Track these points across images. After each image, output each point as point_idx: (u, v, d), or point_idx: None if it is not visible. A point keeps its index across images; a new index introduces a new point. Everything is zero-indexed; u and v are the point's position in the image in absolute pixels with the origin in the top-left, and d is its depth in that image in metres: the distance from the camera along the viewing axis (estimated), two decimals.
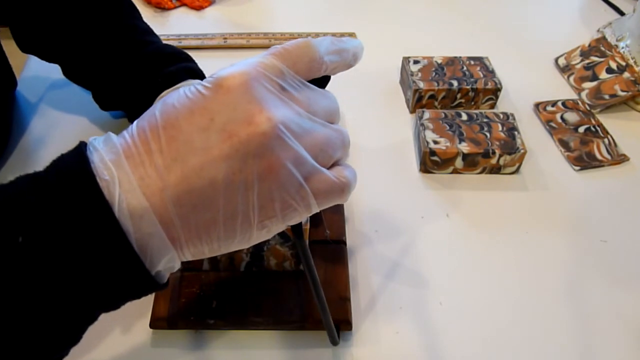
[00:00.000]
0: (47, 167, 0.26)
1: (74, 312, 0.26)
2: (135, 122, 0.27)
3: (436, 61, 0.67)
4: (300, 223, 0.31)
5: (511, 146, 0.57)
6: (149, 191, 0.25)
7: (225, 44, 0.74)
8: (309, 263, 0.35)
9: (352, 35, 0.77)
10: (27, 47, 0.58)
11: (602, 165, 0.60)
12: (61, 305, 0.25)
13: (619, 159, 0.60)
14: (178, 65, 0.53)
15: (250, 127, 0.25)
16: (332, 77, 0.31)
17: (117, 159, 0.25)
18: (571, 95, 0.69)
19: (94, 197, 0.24)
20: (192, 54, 0.56)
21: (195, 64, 0.55)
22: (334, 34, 0.77)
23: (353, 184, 0.30)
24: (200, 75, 0.54)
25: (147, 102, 0.51)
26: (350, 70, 0.38)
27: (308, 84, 0.29)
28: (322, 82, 0.31)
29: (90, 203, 0.24)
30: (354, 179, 0.30)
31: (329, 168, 0.29)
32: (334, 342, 0.43)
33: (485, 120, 0.60)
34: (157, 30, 0.59)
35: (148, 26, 0.58)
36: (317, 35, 0.76)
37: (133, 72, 0.53)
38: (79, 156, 0.26)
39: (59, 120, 0.63)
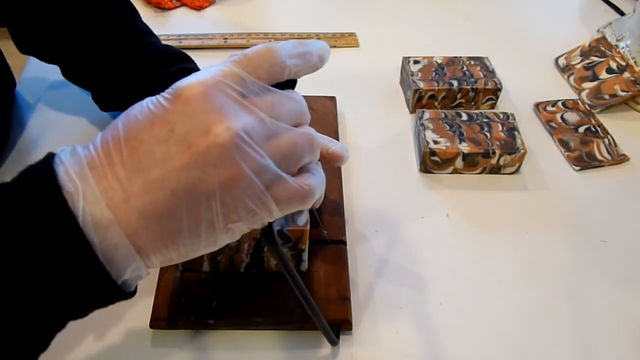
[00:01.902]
0: (14, 179, 0.27)
1: (41, 320, 0.26)
2: (99, 134, 0.28)
3: (436, 61, 0.67)
4: (271, 228, 0.32)
5: (511, 146, 0.57)
6: (112, 203, 0.25)
7: (225, 44, 0.74)
8: (287, 265, 0.34)
9: (352, 35, 0.77)
10: (25, 48, 0.58)
11: (602, 165, 0.60)
12: (28, 313, 0.26)
13: (619, 159, 0.60)
14: (177, 66, 0.53)
15: (209, 137, 0.25)
16: (331, 77, 0.31)
17: (81, 171, 0.26)
18: (571, 95, 0.69)
19: (59, 209, 0.25)
20: (192, 54, 0.56)
21: (195, 64, 0.55)
22: (334, 34, 0.77)
23: (317, 191, 0.30)
24: None
25: None
26: (350, 70, 0.38)
27: (271, 88, 0.29)
28: (288, 86, 0.30)
29: (56, 215, 0.25)
30: (319, 186, 0.30)
31: (296, 173, 0.29)
32: (333, 343, 0.43)
33: (485, 120, 0.60)
34: (157, 30, 0.59)
35: (147, 26, 0.58)
36: (317, 35, 0.76)
37: (132, 72, 0.53)
38: (45, 168, 0.26)
39: (58, 120, 0.63)
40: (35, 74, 0.69)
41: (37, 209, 0.25)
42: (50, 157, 0.27)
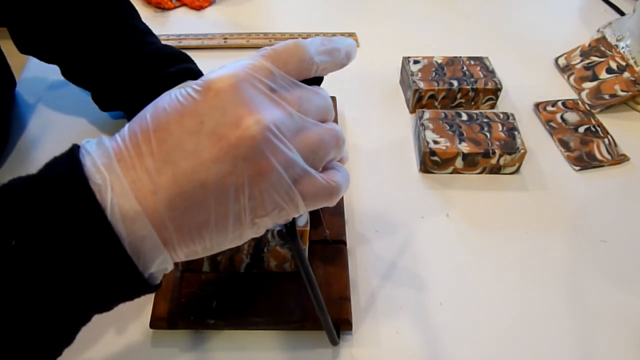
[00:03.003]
0: (40, 170, 0.26)
1: (67, 314, 0.26)
2: (127, 125, 0.27)
3: (436, 61, 0.67)
4: (294, 224, 0.32)
5: (511, 146, 0.57)
6: (140, 194, 0.25)
7: (226, 44, 0.74)
8: (304, 262, 0.35)
9: (352, 35, 0.77)
10: (25, 48, 0.58)
11: (602, 165, 0.60)
12: (54, 307, 0.25)
13: (619, 159, 0.60)
14: (177, 66, 0.53)
15: (239, 130, 0.25)
16: (331, 77, 0.31)
17: (109, 163, 0.26)
18: (571, 95, 0.69)
19: (86, 201, 0.25)
20: (192, 54, 0.56)
21: (195, 64, 0.55)
22: (334, 34, 0.77)
23: (343, 188, 0.30)
24: (199, 76, 0.54)
25: (146, 103, 0.51)
26: (350, 70, 0.38)
27: (299, 83, 0.29)
28: (314, 83, 0.30)
29: (83, 207, 0.25)
30: (345, 183, 0.30)
31: (322, 169, 0.29)
32: (334, 342, 0.43)
33: (485, 120, 0.60)
34: (157, 30, 0.59)
35: (147, 27, 0.58)
36: (317, 35, 0.76)
37: (132, 72, 0.53)
38: (71, 160, 0.26)
39: (58, 120, 0.63)
40: (35, 74, 0.69)
41: (64, 201, 0.25)
42: (75, 149, 0.26)
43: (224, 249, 0.29)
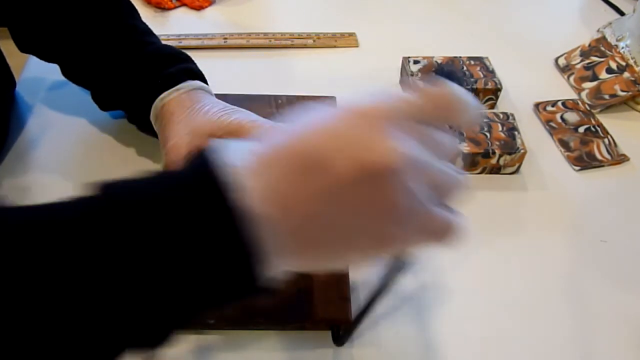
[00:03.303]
0: (185, 169, 0.27)
1: (180, 312, 0.27)
2: (264, 135, 0.28)
3: (436, 61, 0.67)
4: (402, 256, 0.32)
5: (511, 146, 0.57)
6: (272, 203, 0.26)
7: (225, 44, 0.74)
8: (385, 291, 0.35)
9: (352, 35, 0.77)
10: (25, 47, 0.57)
11: (602, 165, 0.60)
12: (171, 303, 0.26)
13: (619, 159, 0.60)
14: (178, 66, 0.53)
15: (375, 155, 0.26)
16: (331, 77, 0.32)
17: (247, 168, 0.26)
18: (571, 95, 0.69)
19: (220, 202, 0.25)
20: (192, 54, 0.56)
21: (195, 64, 0.55)
22: (333, 34, 0.77)
23: (459, 231, 0.30)
24: (199, 76, 0.54)
25: (146, 103, 0.51)
26: (350, 70, 0.38)
27: (434, 124, 0.30)
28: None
29: (216, 207, 0.25)
30: (460, 225, 0.31)
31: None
32: (341, 343, 0.43)
33: (485, 120, 0.60)
34: (157, 30, 0.59)
35: (147, 26, 0.58)
36: (317, 35, 0.76)
37: (133, 72, 0.53)
38: (210, 161, 0.26)
39: (58, 120, 0.63)
40: (35, 74, 0.69)
41: (202, 200, 0.25)
42: (212, 151, 0.27)
43: (327, 269, 0.29)
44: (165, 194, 0.26)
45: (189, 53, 0.56)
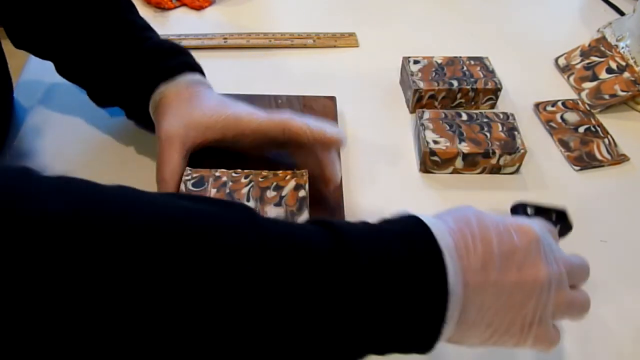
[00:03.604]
0: (406, 226, 0.35)
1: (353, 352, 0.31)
2: (455, 220, 0.35)
3: (436, 61, 0.67)
4: None
5: (511, 146, 0.57)
6: (469, 284, 0.32)
7: (226, 44, 0.74)
8: None
9: (352, 35, 0.77)
10: (20, 43, 0.57)
11: (602, 165, 0.60)
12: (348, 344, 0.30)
13: (619, 159, 0.60)
14: (177, 58, 0.53)
15: (534, 273, 0.33)
16: (331, 77, 0.32)
17: (453, 249, 0.32)
18: (571, 95, 0.69)
19: (438, 276, 0.31)
20: (192, 53, 0.56)
21: (193, 58, 0.55)
22: (333, 34, 0.77)
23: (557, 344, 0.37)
24: (198, 69, 0.54)
25: (145, 95, 0.52)
26: (350, 70, 0.38)
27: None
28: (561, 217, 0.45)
29: (435, 279, 0.31)
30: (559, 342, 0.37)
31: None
32: None
33: (485, 120, 0.60)
34: (157, 30, 0.59)
35: (146, 22, 0.58)
36: (317, 35, 0.76)
37: (132, 65, 0.53)
38: (432, 243, 0.32)
39: (56, 123, 0.62)
40: (35, 75, 0.69)
41: (424, 268, 0.31)
42: (426, 226, 0.34)
43: (481, 347, 0.36)
44: (397, 255, 0.31)
45: (193, 54, 0.56)
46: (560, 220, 0.48)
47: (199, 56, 0.56)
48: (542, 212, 0.46)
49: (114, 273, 0.25)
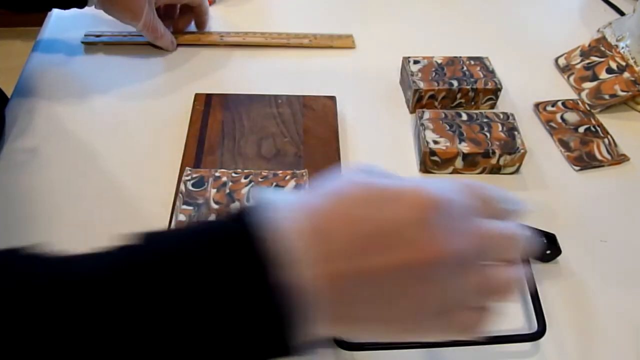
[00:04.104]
0: (228, 220, 0.28)
1: None
2: (317, 194, 0.29)
3: (436, 61, 0.67)
4: None
5: (511, 146, 0.57)
6: (320, 276, 0.26)
7: (222, 42, 0.74)
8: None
9: (349, 37, 0.77)
10: None
11: (602, 165, 0.60)
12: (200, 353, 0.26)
13: (619, 159, 0.60)
14: None
15: (424, 251, 0.27)
16: (331, 77, 0.32)
17: (300, 234, 0.26)
18: (571, 95, 0.69)
19: (260, 277, 0.26)
20: (189, 50, 0.56)
21: None
22: (330, 35, 0.77)
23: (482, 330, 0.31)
24: None
25: None
26: (350, 70, 0.38)
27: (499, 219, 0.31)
28: None
29: (256, 281, 0.26)
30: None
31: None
32: None
33: (485, 120, 0.60)
34: None
35: None
36: (315, 36, 0.76)
37: None
38: (256, 223, 0.27)
39: (55, 127, 0.62)
40: (34, 77, 0.69)
41: (240, 271, 0.26)
42: (260, 210, 0.27)
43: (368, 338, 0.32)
44: (205, 254, 0.26)
45: (186, 50, 0.55)
46: (550, 244, 0.48)
47: (196, 53, 0.56)
48: None
49: None
